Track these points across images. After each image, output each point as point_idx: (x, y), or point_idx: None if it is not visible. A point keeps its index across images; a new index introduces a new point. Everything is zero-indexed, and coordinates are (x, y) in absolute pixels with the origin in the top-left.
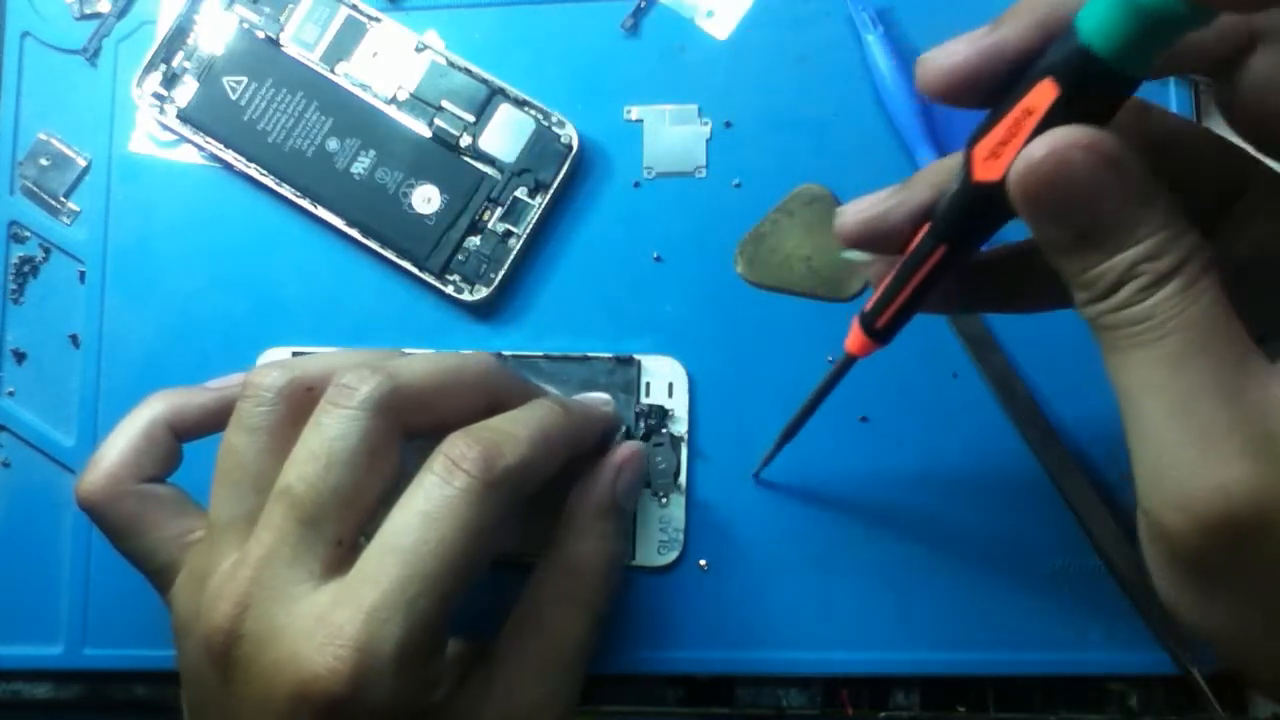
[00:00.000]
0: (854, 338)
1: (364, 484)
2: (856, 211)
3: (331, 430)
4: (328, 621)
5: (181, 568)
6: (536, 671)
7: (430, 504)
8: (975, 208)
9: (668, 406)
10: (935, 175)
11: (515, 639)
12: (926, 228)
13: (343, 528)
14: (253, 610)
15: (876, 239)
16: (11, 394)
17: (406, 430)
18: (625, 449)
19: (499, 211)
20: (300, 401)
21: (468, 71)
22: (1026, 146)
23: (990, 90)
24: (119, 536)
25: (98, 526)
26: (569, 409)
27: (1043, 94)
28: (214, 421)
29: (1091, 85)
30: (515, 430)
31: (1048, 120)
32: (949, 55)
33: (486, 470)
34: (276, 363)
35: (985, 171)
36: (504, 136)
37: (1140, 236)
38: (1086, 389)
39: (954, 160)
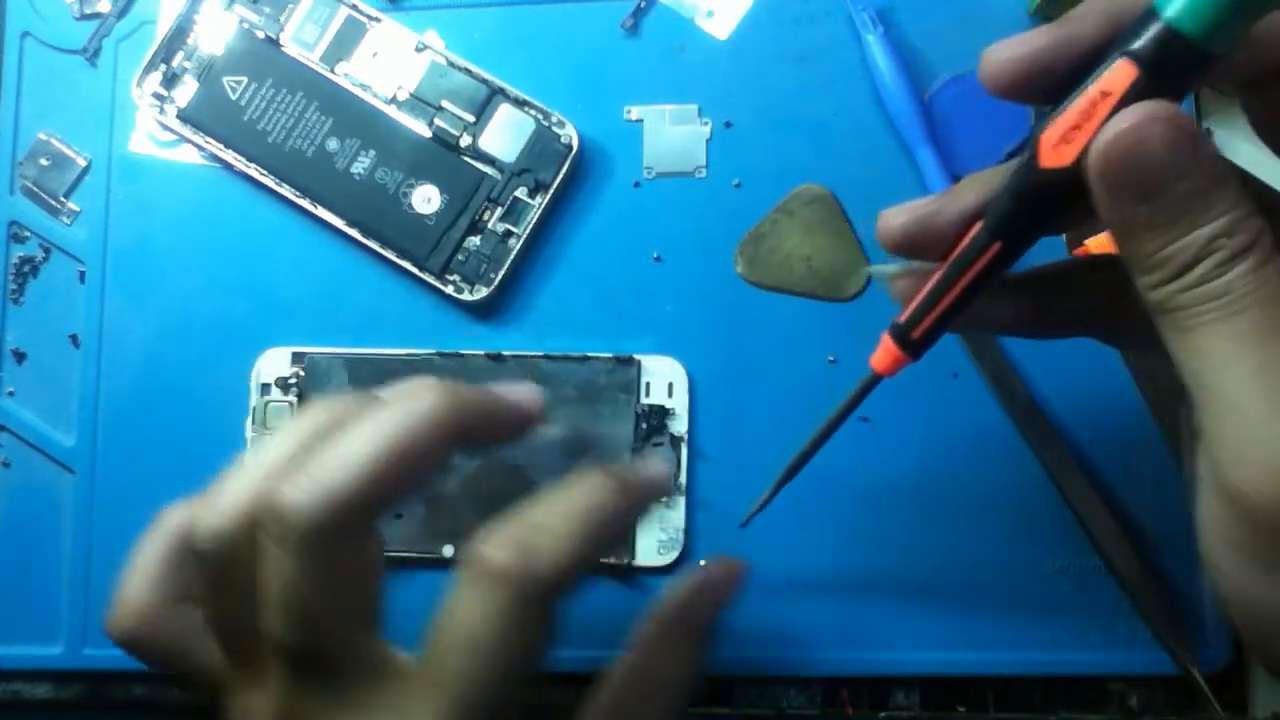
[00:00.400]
0: (884, 354)
1: (345, 607)
2: (901, 213)
3: (281, 574)
4: None
5: (236, 690)
6: None
7: (471, 626)
8: (1042, 195)
9: (668, 406)
10: (981, 181)
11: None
12: (977, 228)
13: (344, 651)
14: None
15: (921, 242)
16: (11, 394)
17: (382, 510)
18: (728, 567)
19: (499, 211)
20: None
21: (468, 71)
22: (1108, 122)
23: (1055, 84)
24: (166, 667)
25: (139, 661)
26: (625, 485)
27: (1121, 75)
28: None
29: (1173, 64)
30: (557, 524)
31: (1125, 101)
32: (1019, 45)
33: (530, 578)
34: (215, 499)
35: (1054, 158)
36: (504, 136)
37: (1216, 213)
38: (1087, 389)
39: (997, 170)
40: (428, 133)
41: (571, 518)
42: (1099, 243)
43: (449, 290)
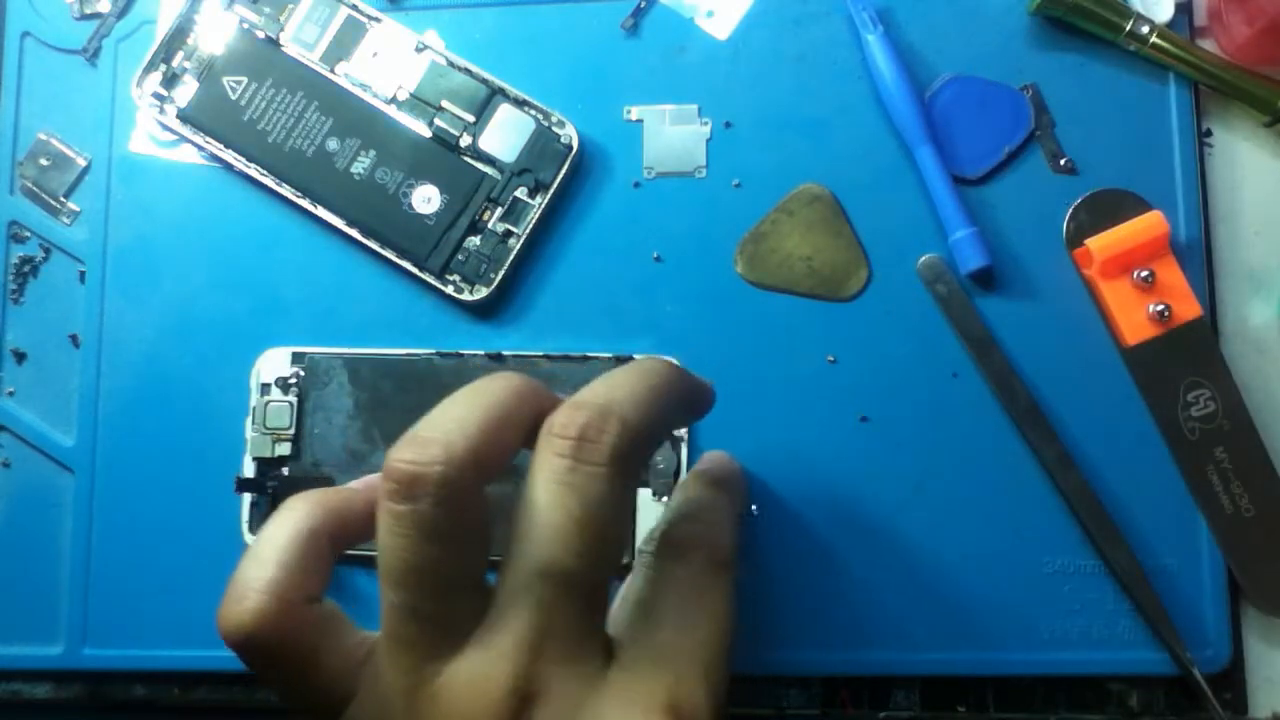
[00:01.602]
0: None
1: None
2: None
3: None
4: (639, 699)
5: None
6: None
7: (576, 504)
8: None
9: None
10: None
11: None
12: None
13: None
14: (544, 704)
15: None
16: (11, 394)
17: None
18: (720, 462)
19: (499, 211)
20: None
21: (468, 71)
22: None
23: None
24: (294, 672)
25: (259, 664)
26: (673, 365)
27: None
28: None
29: None
30: (622, 395)
31: None
32: None
33: (609, 449)
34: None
35: None
36: (504, 136)
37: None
38: (1086, 389)
39: None
40: (428, 133)
41: (634, 393)
42: (1099, 244)
43: (449, 290)
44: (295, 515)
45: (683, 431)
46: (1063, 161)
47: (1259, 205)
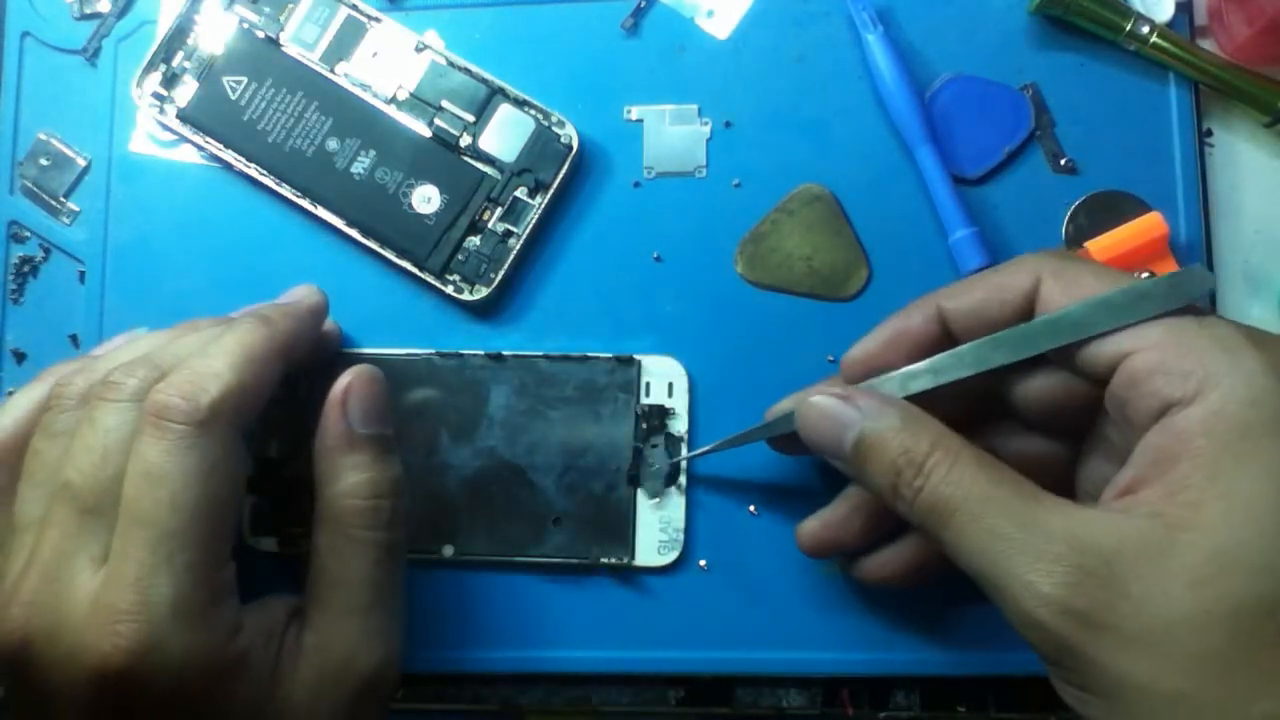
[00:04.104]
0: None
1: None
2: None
3: (105, 423)
4: (102, 603)
5: None
6: (340, 618)
7: (149, 464)
8: None
9: (668, 406)
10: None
11: (314, 589)
12: None
13: (113, 515)
14: (39, 608)
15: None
16: (11, 394)
17: None
18: (346, 376)
19: (499, 211)
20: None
21: (468, 71)
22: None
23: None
24: None
25: None
26: (269, 319)
27: None
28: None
29: None
30: (213, 363)
31: None
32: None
33: (193, 413)
34: (77, 365)
35: None
36: (504, 136)
37: (886, 439)
38: None
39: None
40: (428, 133)
41: (227, 352)
42: (1099, 246)
43: (449, 290)
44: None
45: (683, 430)
46: (1063, 161)
47: (1259, 205)
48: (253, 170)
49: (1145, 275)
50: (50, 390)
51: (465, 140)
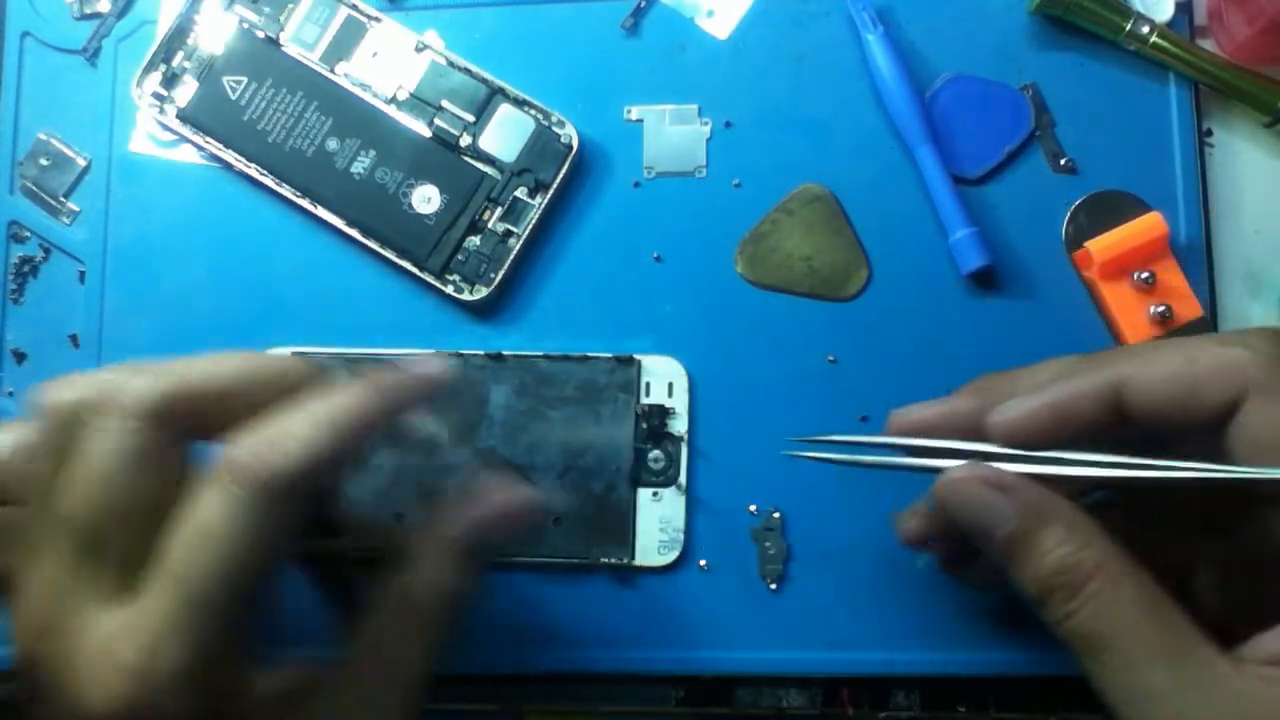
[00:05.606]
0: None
1: (144, 498)
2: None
3: (101, 444)
4: (110, 651)
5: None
6: (372, 702)
7: (205, 521)
8: None
9: (668, 406)
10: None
11: (352, 667)
12: None
13: (129, 546)
14: (44, 633)
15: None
16: (11, 394)
17: (193, 434)
18: (502, 496)
19: (499, 211)
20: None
21: (468, 71)
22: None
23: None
24: None
25: None
26: (374, 386)
27: None
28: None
29: None
30: (295, 428)
31: None
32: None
33: (263, 477)
34: (67, 381)
35: None
36: (504, 136)
37: (1042, 552)
38: None
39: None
40: (428, 133)
41: (313, 419)
42: (1099, 245)
43: (449, 290)
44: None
45: (683, 430)
46: (1063, 161)
47: (1259, 205)
48: (253, 170)
49: (1145, 276)
50: (45, 403)
51: (465, 140)
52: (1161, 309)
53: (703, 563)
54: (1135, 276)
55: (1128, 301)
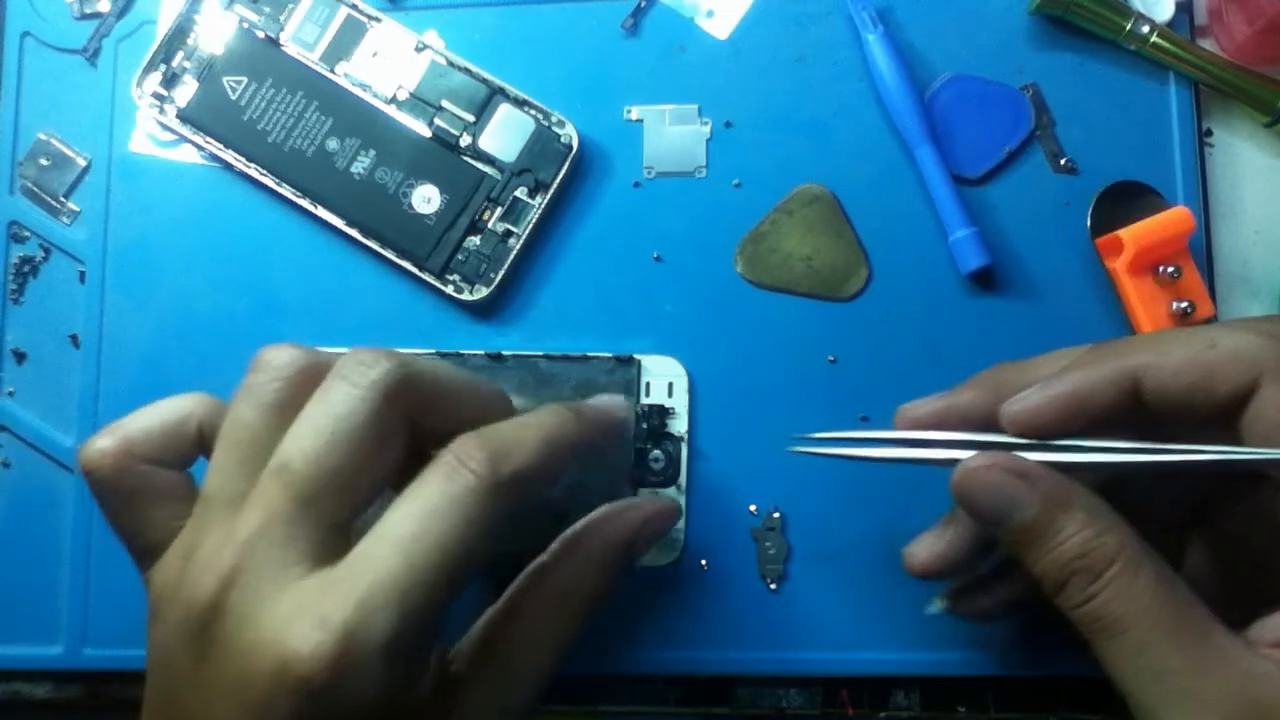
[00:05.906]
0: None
1: (366, 468)
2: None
3: (339, 406)
4: (316, 607)
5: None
6: (515, 687)
7: (435, 499)
8: None
9: (668, 406)
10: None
11: (498, 652)
12: None
13: (340, 511)
14: (238, 588)
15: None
16: (11, 394)
17: (415, 426)
18: (660, 505)
19: (499, 211)
20: (315, 381)
21: (468, 71)
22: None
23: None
24: (114, 509)
25: (94, 494)
26: (581, 415)
27: None
28: None
29: None
30: (524, 435)
31: None
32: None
33: (493, 472)
34: (291, 345)
35: None
36: (504, 136)
37: (1063, 537)
38: None
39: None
40: (428, 133)
41: (538, 431)
42: (1132, 234)
43: (449, 290)
44: (182, 398)
45: (683, 430)
46: (1063, 161)
47: (1259, 205)
48: (253, 170)
49: (1171, 270)
50: (259, 354)
51: (465, 140)
52: (1185, 305)
53: (703, 563)
54: (1160, 270)
55: (1151, 295)
